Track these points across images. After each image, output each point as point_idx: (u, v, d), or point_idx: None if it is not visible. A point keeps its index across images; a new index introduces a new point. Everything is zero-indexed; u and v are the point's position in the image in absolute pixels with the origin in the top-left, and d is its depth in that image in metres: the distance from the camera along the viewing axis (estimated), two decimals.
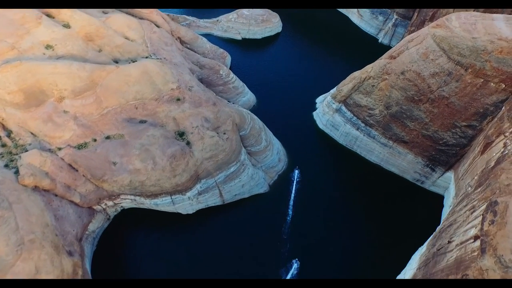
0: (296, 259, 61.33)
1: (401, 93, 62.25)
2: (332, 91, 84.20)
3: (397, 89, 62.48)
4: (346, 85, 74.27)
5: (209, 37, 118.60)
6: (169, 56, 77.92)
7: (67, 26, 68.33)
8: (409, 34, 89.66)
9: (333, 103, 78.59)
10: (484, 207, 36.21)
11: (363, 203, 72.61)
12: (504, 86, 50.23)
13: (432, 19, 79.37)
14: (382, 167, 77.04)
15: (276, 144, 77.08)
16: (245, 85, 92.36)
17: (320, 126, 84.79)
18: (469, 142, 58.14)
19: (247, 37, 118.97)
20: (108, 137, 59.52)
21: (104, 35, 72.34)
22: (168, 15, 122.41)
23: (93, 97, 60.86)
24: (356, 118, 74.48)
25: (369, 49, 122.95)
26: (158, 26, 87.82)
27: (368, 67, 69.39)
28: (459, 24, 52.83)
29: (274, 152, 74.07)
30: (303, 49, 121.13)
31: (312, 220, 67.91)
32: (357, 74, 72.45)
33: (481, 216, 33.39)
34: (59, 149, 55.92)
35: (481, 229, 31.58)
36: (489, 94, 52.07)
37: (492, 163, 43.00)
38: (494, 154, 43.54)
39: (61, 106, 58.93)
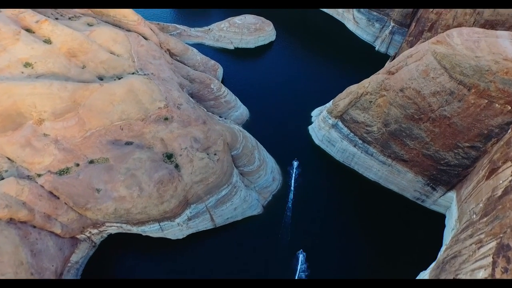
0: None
1: (400, 110, 60.51)
2: (328, 104, 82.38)
3: (396, 107, 60.76)
4: (342, 100, 72.44)
5: (201, 46, 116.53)
6: (157, 71, 75.54)
7: (48, 41, 65.69)
8: (407, 43, 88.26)
9: (329, 119, 76.68)
10: (493, 245, 34.32)
11: (361, 221, 70.73)
12: (510, 108, 48.58)
13: (430, 29, 77.79)
14: (381, 184, 75.18)
15: (270, 162, 74.88)
16: (237, 99, 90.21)
17: (316, 141, 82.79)
18: (472, 164, 56.47)
19: (239, 46, 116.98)
20: (91, 162, 56.84)
21: (88, 50, 69.84)
22: (158, 24, 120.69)
23: (75, 119, 58.17)
24: (353, 134, 72.60)
25: (366, 57, 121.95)
26: (146, 39, 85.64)
27: (365, 82, 67.62)
28: (461, 41, 51.06)
29: (268, 171, 71.83)
30: (298, 58, 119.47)
31: (308, 239, 65.83)
32: (353, 88, 70.67)
33: (491, 258, 31.37)
34: (39, 175, 53.14)
35: (493, 275, 29.53)
36: (494, 116, 50.38)
37: (499, 192, 41.18)
38: (501, 182, 41.74)
39: (41, 129, 56.13)
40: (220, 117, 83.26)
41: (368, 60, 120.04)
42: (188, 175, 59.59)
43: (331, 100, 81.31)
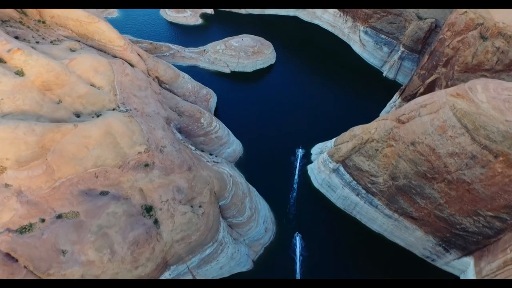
0: None
1: (410, 166, 56.34)
2: (329, 144, 78.39)
3: (405, 161, 56.62)
4: (345, 143, 68.48)
5: (195, 69, 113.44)
6: (141, 104, 71.86)
7: (20, 73, 61.99)
8: (418, 76, 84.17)
9: (330, 162, 72.61)
10: None
11: (363, 276, 65.83)
12: None
13: (446, 65, 73.54)
14: (386, 237, 70.58)
15: (263, 210, 70.58)
16: (230, 133, 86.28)
17: (315, 184, 78.60)
18: (496, 235, 51.92)
19: (236, 70, 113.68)
20: (59, 216, 52.47)
21: (65, 82, 66.23)
22: (151, 43, 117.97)
23: (43, 167, 53.96)
24: (356, 183, 68.45)
25: (373, 83, 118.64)
26: (132, 66, 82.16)
27: (371, 127, 63.65)
28: (487, 98, 46.85)
29: (260, 222, 67.50)
30: (299, 83, 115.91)
31: None
32: (358, 131, 66.74)
33: None
34: None
35: None
36: None
37: None
38: None
39: (2, 178, 51.84)
40: (210, 154, 79.28)
41: (375, 87, 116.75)
42: (168, 232, 55.26)
43: (333, 140, 77.45)
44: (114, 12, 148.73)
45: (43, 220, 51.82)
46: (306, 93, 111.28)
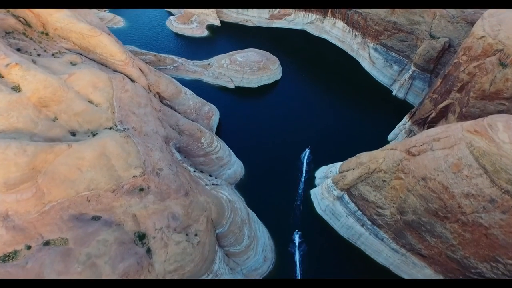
0: None
1: (420, 201, 53.84)
2: (333, 169, 76.17)
3: (415, 196, 54.12)
4: (350, 171, 66.24)
5: (198, 83, 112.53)
6: (139, 123, 70.57)
7: (17, 89, 61.07)
8: (430, 100, 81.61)
9: (334, 190, 70.34)
10: None
11: None
12: None
13: (460, 90, 70.72)
14: (391, 270, 67.69)
15: (263, 237, 68.34)
16: (231, 153, 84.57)
17: (318, 210, 76.27)
18: None
19: (240, 85, 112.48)
20: (47, 243, 50.70)
21: (62, 99, 65.22)
22: (155, 55, 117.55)
23: (33, 190, 52.40)
24: (361, 213, 66.03)
25: (382, 103, 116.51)
26: (133, 81, 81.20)
27: (379, 156, 61.42)
28: (510, 138, 44.03)
29: (258, 251, 65.22)
30: (305, 101, 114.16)
31: None
32: (365, 159, 64.51)
33: None
34: None
35: None
36: None
37: None
38: None
39: None
40: (210, 175, 77.53)
41: (384, 107, 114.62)
42: (160, 263, 53.22)
43: (339, 164, 75.22)
44: (120, 22, 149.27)
45: (29, 247, 50.10)
46: (312, 111, 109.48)
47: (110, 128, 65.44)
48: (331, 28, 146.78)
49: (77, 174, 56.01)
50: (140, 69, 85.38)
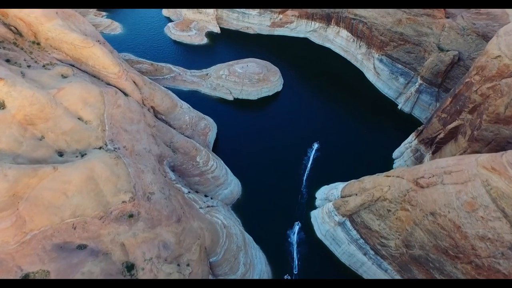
0: None
1: (428, 237, 51.14)
2: (335, 191, 73.77)
3: (422, 230, 51.45)
4: (353, 196, 63.86)
5: (196, 94, 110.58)
6: (131, 141, 68.39)
7: (0, 106, 59.02)
8: (439, 119, 78.87)
9: (336, 215, 67.92)
10: None
11: None
12: None
13: (472, 112, 67.42)
14: None
15: (259, 264, 65.88)
16: (228, 172, 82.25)
17: (318, 234, 73.87)
18: None
19: (239, 97, 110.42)
20: (26, 276, 48.32)
21: (50, 116, 63.23)
22: (151, 64, 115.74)
23: (13, 219, 50.00)
24: (364, 241, 63.53)
25: (387, 116, 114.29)
26: (126, 95, 79.16)
27: (384, 183, 58.96)
28: None
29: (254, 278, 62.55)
30: (306, 114, 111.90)
31: None
32: (368, 185, 62.13)
33: None
34: None
35: None
36: None
37: None
38: None
39: None
40: (205, 196, 75.28)
41: (389, 121, 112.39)
42: None
43: (340, 186, 72.75)
44: (117, 28, 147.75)
45: None
46: (314, 125, 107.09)
47: (100, 148, 63.35)
48: (335, 37, 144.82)
49: (62, 200, 53.74)
50: (134, 82, 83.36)
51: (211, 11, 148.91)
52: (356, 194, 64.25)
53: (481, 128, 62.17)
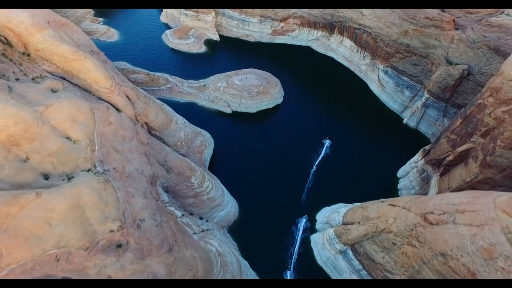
0: None
1: (437, 277, 48.14)
2: (336, 215, 71.26)
3: (431, 270, 48.52)
4: (355, 225, 61.43)
5: (193, 106, 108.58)
6: (122, 163, 66.17)
7: None
8: (447, 140, 75.79)
9: (337, 243, 65.44)
10: None
11: None
12: None
13: (485, 135, 63.53)
14: None
15: None
16: (224, 192, 79.86)
17: (318, 260, 71.35)
18: None
19: (238, 110, 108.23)
20: None
21: (35, 136, 61.12)
22: (147, 74, 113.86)
23: None
24: (366, 273, 60.98)
25: (391, 131, 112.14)
26: (118, 110, 77.02)
27: (389, 214, 56.34)
28: None
29: None
30: (307, 128, 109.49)
31: None
32: (372, 213, 59.66)
33: None
34: None
35: None
36: None
37: None
38: None
39: None
40: (200, 218, 72.88)
41: (393, 136, 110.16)
42: None
43: (342, 210, 70.29)
44: (114, 35, 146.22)
45: None
46: (314, 140, 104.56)
47: (88, 170, 61.17)
48: (338, 46, 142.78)
49: (45, 229, 51.31)
50: (128, 96, 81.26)
51: (210, 18, 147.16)
52: (359, 223, 61.67)
53: (495, 154, 59.49)
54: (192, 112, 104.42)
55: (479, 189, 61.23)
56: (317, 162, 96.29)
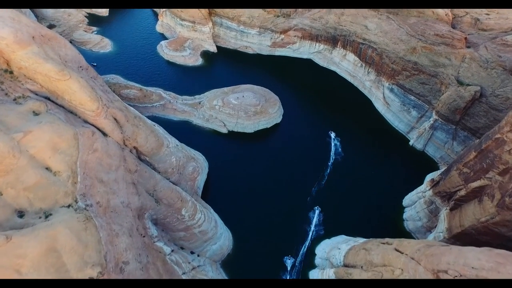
0: None
1: None
2: (337, 253, 67.65)
3: None
4: (358, 269, 57.87)
5: (187, 125, 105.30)
6: (106, 196, 62.61)
7: None
8: (459, 173, 71.45)
9: None
10: None
11: None
12: None
13: (503, 174, 59.08)
14: None
15: None
16: (218, 223, 76.35)
17: None
18: None
19: (234, 130, 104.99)
20: None
21: (11, 167, 57.69)
22: (140, 89, 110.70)
23: None
24: None
25: (397, 153, 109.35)
26: (105, 134, 73.56)
27: (395, 264, 52.44)
28: None
29: None
30: (308, 149, 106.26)
31: None
32: (376, 259, 56.57)
33: None
34: None
35: None
36: None
37: None
38: None
39: None
40: (192, 253, 69.17)
41: (399, 158, 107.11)
42: None
43: (343, 246, 66.75)
44: (107, 46, 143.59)
45: None
46: (315, 162, 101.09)
47: (69, 206, 57.55)
48: (341, 60, 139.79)
49: (14, 278, 47.50)
50: (116, 119, 77.71)
51: (207, 29, 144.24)
52: (362, 267, 57.85)
53: None
54: (185, 131, 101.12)
55: (496, 231, 57.46)
56: (317, 187, 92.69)
